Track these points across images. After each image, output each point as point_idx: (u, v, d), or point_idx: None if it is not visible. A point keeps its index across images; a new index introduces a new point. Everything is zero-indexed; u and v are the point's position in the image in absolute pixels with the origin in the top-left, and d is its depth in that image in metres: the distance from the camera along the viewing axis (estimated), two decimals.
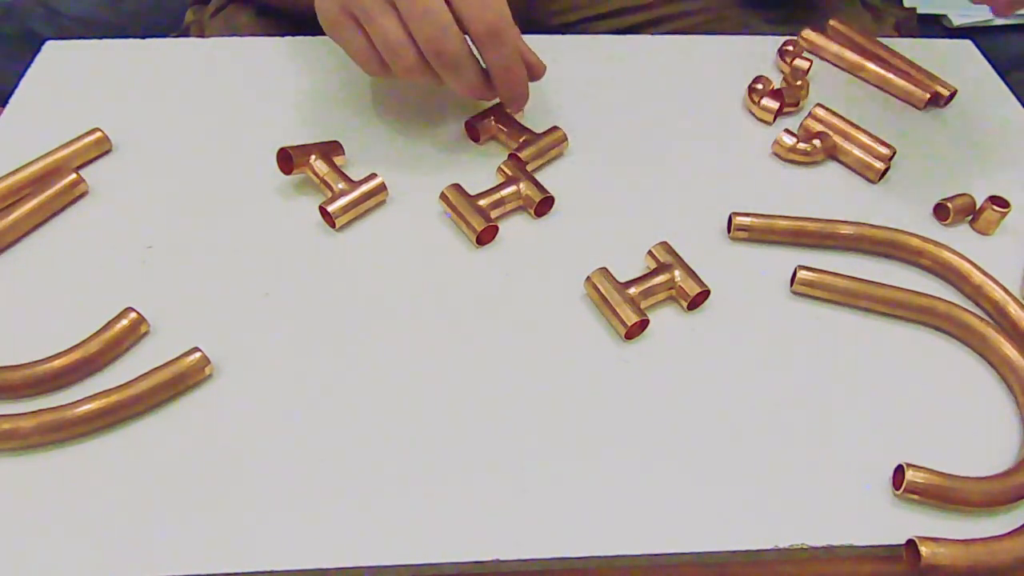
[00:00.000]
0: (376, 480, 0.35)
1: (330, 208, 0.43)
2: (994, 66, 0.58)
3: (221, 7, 0.64)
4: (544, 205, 0.45)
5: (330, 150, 0.46)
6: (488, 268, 0.43)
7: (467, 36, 0.42)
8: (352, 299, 0.41)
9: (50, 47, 0.54)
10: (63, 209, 0.45)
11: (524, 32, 0.57)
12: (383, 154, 0.48)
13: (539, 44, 0.56)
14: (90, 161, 0.47)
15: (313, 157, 0.45)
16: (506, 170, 0.46)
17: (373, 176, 0.45)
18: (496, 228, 0.44)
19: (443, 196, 0.45)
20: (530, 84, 0.47)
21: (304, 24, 0.46)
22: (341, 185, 0.44)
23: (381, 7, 0.41)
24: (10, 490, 0.34)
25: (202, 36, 0.63)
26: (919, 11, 1.04)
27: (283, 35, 0.56)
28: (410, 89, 0.53)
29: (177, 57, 0.54)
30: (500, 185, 0.45)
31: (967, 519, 0.35)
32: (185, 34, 0.65)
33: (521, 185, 0.45)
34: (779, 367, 0.39)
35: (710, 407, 0.38)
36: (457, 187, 0.44)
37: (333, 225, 0.44)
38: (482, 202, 0.44)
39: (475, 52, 0.43)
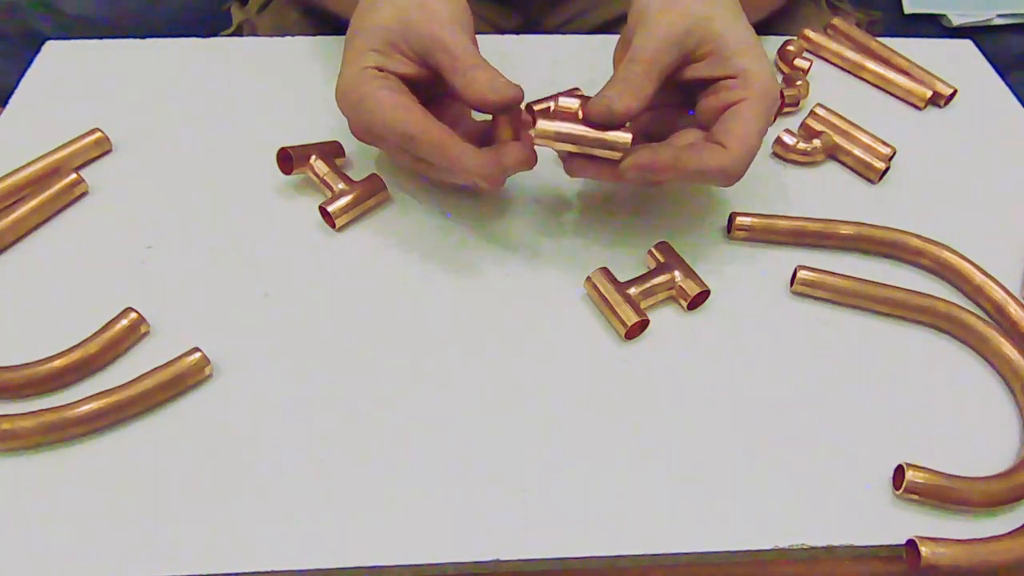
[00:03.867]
0: (376, 480, 0.35)
1: (330, 208, 0.43)
2: (994, 66, 0.58)
3: (267, 3, 0.64)
4: None
5: (330, 150, 0.46)
6: (488, 268, 0.43)
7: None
8: (352, 299, 0.41)
9: (50, 47, 0.54)
10: (63, 209, 0.45)
11: (524, 32, 0.58)
12: (383, 154, 0.48)
13: (539, 44, 0.56)
14: (90, 161, 0.47)
15: (313, 157, 0.45)
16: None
17: (373, 176, 0.45)
18: None
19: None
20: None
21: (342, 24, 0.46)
22: (341, 185, 0.44)
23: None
24: (10, 490, 0.34)
25: (255, 35, 0.63)
26: (919, 11, 1.03)
27: (330, 33, 0.56)
28: None
29: (177, 57, 0.54)
30: None
31: (967, 519, 0.35)
32: (238, 33, 0.65)
33: None
34: (779, 367, 0.39)
35: (710, 407, 0.38)
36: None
37: (333, 225, 0.44)
38: None
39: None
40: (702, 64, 0.41)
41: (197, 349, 0.37)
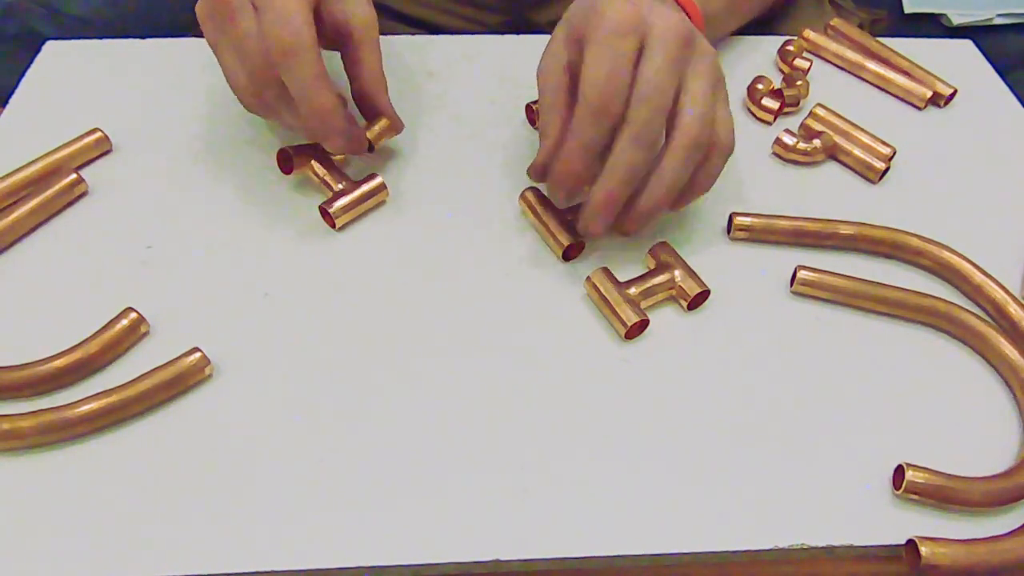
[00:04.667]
0: (376, 480, 0.35)
1: (330, 208, 0.43)
2: (994, 65, 0.58)
3: None
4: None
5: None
6: (488, 268, 0.43)
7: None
8: (352, 299, 0.41)
9: (50, 47, 0.54)
10: (63, 209, 0.45)
11: (515, 31, 0.57)
12: (383, 154, 0.48)
13: (534, 44, 0.56)
14: (90, 161, 0.47)
15: (313, 157, 0.45)
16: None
17: (373, 176, 0.45)
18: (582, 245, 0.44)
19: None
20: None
21: None
22: (341, 185, 0.44)
23: (214, 40, 0.41)
24: (10, 490, 0.34)
25: None
26: (919, 11, 1.03)
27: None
28: (409, 89, 0.53)
29: (177, 57, 0.54)
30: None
31: (967, 519, 0.35)
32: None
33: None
34: (779, 367, 0.39)
35: (710, 407, 0.38)
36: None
37: (333, 225, 0.44)
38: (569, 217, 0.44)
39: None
40: None
41: (197, 349, 0.37)
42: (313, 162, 0.45)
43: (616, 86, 0.37)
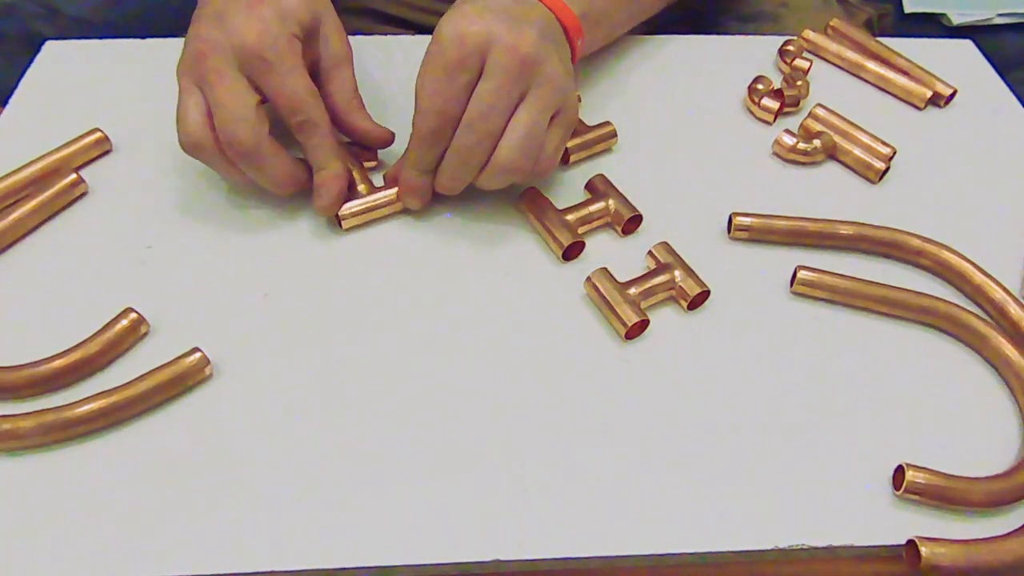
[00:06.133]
0: (376, 480, 0.35)
1: (339, 211, 0.43)
2: (994, 65, 0.58)
3: None
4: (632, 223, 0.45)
5: (360, 152, 0.47)
6: (488, 268, 0.43)
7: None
8: (352, 299, 0.41)
9: (50, 47, 0.54)
10: (63, 209, 0.45)
11: None
12: (381, 155, 0.48)
13: None
14: (90, 161, 0.47)
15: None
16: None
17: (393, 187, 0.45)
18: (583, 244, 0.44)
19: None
20: None
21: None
22: (361, 187, 0.44)
23: (188, 89, 0.42)
24: (10, 490, 0.34)
25: None
26: (920, 10, 1.03)
27: None
28: (398, 91, 0.52)
29: (177, 57, 0.54)
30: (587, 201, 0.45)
31: (967, 519, 0.35)
32: None
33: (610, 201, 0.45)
34: (779, 367, 0.39)
35: (710, 407, 0.38)
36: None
37: (340, 224, 0.44)
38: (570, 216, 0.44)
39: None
40: None
41: (197, 349, 0.37)
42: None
43: (446, 118, 0.40)
